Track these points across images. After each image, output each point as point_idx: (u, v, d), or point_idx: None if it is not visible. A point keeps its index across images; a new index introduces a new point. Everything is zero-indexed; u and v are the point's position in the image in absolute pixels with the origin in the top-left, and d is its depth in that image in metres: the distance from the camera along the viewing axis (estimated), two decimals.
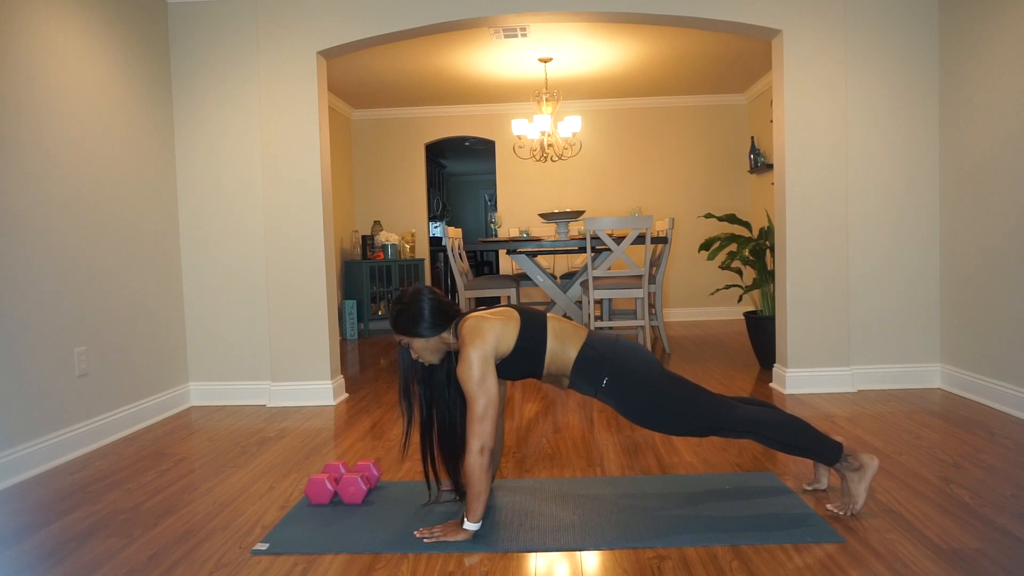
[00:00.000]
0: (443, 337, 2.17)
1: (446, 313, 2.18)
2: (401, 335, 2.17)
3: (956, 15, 3.71)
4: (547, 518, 2.22)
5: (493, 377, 2.07)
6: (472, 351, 2.06)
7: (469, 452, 2.03)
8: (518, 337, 2.14)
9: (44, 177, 3.05)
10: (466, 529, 2.06)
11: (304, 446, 3.17)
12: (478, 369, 2.05)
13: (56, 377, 3.07)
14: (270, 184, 3.98)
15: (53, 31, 3.14)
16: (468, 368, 2.05)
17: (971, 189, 3.63)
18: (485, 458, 2.04)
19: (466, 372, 2.05)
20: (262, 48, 3.95)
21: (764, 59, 6.10)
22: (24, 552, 2.12)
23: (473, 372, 2.05)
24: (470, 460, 2.03)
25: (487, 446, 2.04)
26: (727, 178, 7.58)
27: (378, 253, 7.27)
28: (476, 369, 2.05)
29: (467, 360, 2.06)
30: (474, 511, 2.06)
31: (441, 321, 2.16)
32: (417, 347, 2.17)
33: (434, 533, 2.08)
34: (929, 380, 3.93)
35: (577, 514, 2.23)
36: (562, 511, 2.27)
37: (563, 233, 5.50)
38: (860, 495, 2.16)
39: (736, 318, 7.43)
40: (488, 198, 13.68)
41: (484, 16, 3.85)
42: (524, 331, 2.15)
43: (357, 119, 7.70)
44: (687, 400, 2.15)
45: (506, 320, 2.16)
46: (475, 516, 2.06)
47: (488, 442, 2.04)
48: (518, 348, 2.14)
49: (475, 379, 2.05)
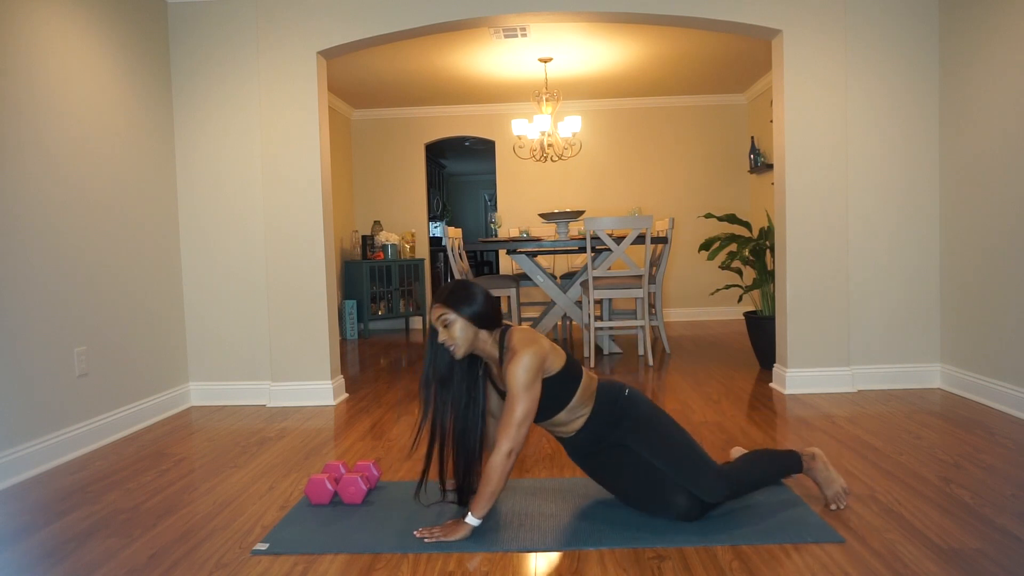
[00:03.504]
0: (481, 336, 2.14)
1: (495, 316, 2.15)
2: (446, 308, 2.10)
3: (956, 15, 3.71)
4: (547, 518, 2.21)
5: (539, 387, 2.08)
6: (528, 355, 2.05)
7: (498, 452, 2.03)
8: (564, 363, 2.17)
9: (44, 177, 3.05)
10: (467, 523, 2.06)
11: (304, 446, 3.17)
12: (530, 374, 2.05)
13: (56, 377, 3.07)
14: (270, 184, 3.98)
15: (53, 31, 3.14)
16: (521, 369, 2.04)
17: (971, 189, 3.63)
18: (511, 462, 2.05)
19: (518, 372, 2.04)
20: (262, 48, 3.95)
21: (764, 59, 6.10)
22: (24, 552, 2.12)
23: (525, 375, 2.04)
24: (496, 460, 2.03)
25: (516, 451, 2.05)
26: (727, 178, 7.58)
27: (378, 253, 7.28)
28: (528, 373, 2.04)
29: (521, 362, 2.04)
30: (481, 507, 2.05)
31: (488, 319, 2.13)
32: (455, 329, 2.10)
33: (434, 533, 2.08)
34: (929, 380, 3.93)
35: (577, 514, 2.23)
36: (562, 511, 2.27)
37: (563, 233, 5.50)
38: (834, 477, 2.23)
39: (736, 318, 7.43)
40: (488, 198, 13.68)
41: (484, 16, 3.85)
42: (569, 359, 2.19)
43: (357, 119, 7.70)
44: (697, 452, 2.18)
45: (554, 345, 2.20)
46: (480, 512, 2.06)
47: (518, 447, 2.05)
48: (561, 373, 2.15)
49: (524, 383, 2.04)
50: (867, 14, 3.86)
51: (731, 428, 3.22)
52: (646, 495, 2.17)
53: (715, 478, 2.10)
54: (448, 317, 2.09)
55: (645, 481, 2.17)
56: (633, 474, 2.19)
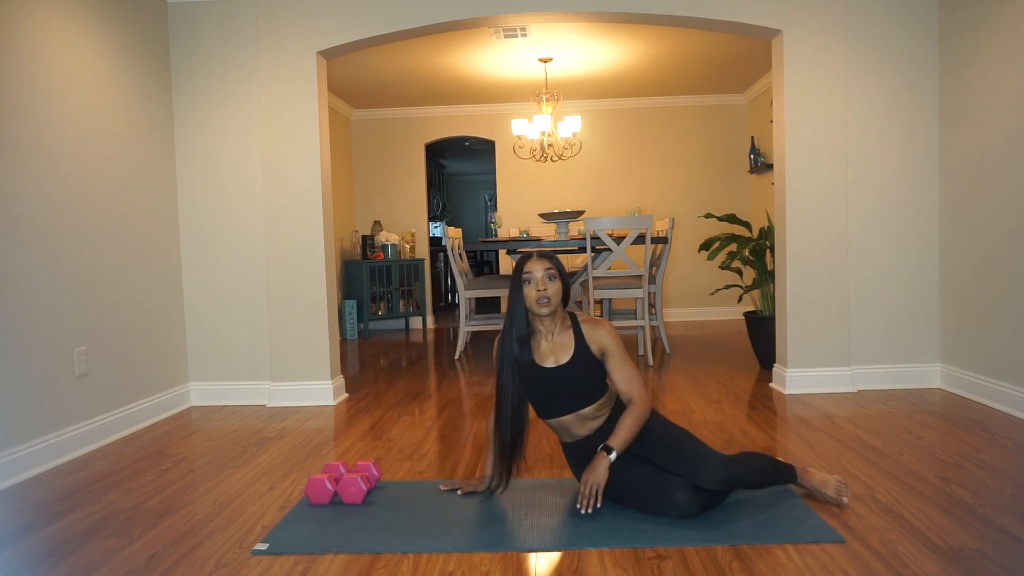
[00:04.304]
0: (562, 307, 2.32)
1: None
2: (553, 264, 2.26)
3: (956, 15, 3.71)
4: (547, 518, 2.21)
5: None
6: (611, 326, 2.33)
7: (642, 402, 2.24)
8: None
9: (44, 177, 3.05)
10: (609, 457, 2.18)
11: (304, 446, 3.17)
12: (621, 343, 2.32)
13: (56, 377, 3.07)
14: (270, 184, 3.98)
15: (53, 31, 3.14)
16: (615, 335, 2.31)
17: (971, 189, 3.63)
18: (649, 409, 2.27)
19: (614, 335, 2.30)
20: (262, 48, 3.95)
21: (764, 59, 6.10)
22: (24, 552, 2.12)
23: (619, 341, 2.31)
24: (643, 409, 2.24)
25: (645, 401, 2.27)
26: (727, 178, 7.58)
27: (378, 253, 7.27)
28: (620, 341, 2.32)
29: (612, 329, 2.31)
30: (621, 444, 2.20)
31: (569, 292, 2.32)
32: (557, 284, 2.25)
33: (591, 481, 2.16)
34: (929, 380, 3.93)
35: (577, 514, 2.23)
36: (562, 511, 2.27)
37: (563, 233, 5.50)
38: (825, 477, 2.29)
39: (736, 318, 7.43)
40: (488, 198, 13.68)
41: (484, 16, 3.85)
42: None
43: (357, 119, 7.70)
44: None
45: None
46: (621, 447, 2.20)
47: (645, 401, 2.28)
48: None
49: (623, 347, 2.31)
50: (867, 14, 3.86)
51: (731, 428, 3.22)
52: (647, 497, 2.18)
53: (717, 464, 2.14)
54: (554, 272, 2.26)
55: (646, 484, 2.19)
56: (635, 478, 2.21)
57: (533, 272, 2.23)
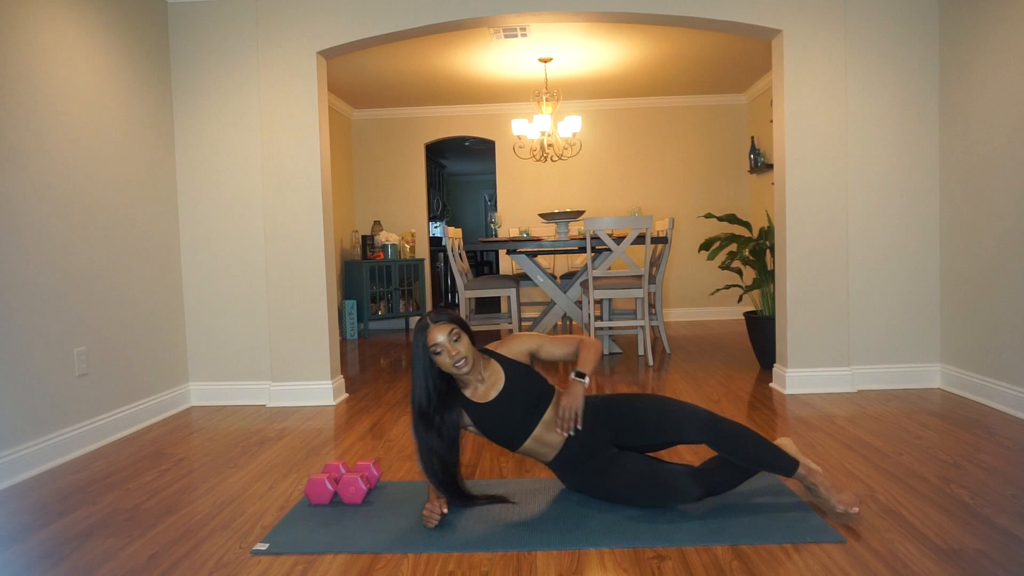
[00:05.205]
0: (477, 353, 2.28)
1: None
2: (453, 324, 2.19)
3: (956, 15, 3.71)
4: (547, 518, 2.21)
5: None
6: (524, 333, 2.42)
7: (587, 339, 2.35)
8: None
9: (44, 177, 3.05)
10: (582, 382, 2.25)
11: (304, 446, 3.17)
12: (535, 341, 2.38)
13: (56, 377, 3.07)
14: (270, 184, 3.98)
15: (53, 31, 3.14)
16: (532, 335, 2.39)
17: (971, 189, 3.63)
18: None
19: (531, 335, 2.38)
20: (262, 48, 3.95)
21: (764, 59, 6.10)
22: (24, 552, 2.12)
23: (539, 335, 2.39)
24: (590, 341, 2.34)
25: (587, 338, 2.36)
26: (727, 178, 7.58)
27: (378, 253, 7.27)
28: (540, 334, 2.40)
29: (525, 334, 2.39)
30: (589, 368, 2.29)
31: (472, 337, 2.30)
32: (465, 343, 2.20)
33: (568, 409, 2.22)
34: (929, 380, 3.93)
35: (577, 514, 2.23)
36: (562, 511, 2.27)
37: (563, 233, 5.50)
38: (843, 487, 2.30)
39: (736, 318, 7.43)
40: (488, 198, 13.68)
41: (484, 16, 3.85)
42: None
43: (357, 119, 7.70)
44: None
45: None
46: (589, 371, 2.29)
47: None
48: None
49: (545, 335, 2.39)
50: (867, 14, 3.86)
51: None
52: (647, 488, 2.18)
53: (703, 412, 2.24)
54: (457, 331, 2.19)
55: (645, 475, 2.19)
56: (634, 471, 2.21)
57: (438, 342, 2.15)
